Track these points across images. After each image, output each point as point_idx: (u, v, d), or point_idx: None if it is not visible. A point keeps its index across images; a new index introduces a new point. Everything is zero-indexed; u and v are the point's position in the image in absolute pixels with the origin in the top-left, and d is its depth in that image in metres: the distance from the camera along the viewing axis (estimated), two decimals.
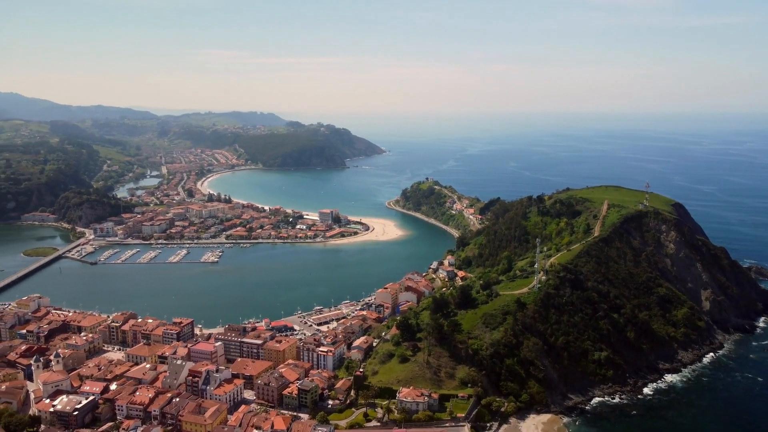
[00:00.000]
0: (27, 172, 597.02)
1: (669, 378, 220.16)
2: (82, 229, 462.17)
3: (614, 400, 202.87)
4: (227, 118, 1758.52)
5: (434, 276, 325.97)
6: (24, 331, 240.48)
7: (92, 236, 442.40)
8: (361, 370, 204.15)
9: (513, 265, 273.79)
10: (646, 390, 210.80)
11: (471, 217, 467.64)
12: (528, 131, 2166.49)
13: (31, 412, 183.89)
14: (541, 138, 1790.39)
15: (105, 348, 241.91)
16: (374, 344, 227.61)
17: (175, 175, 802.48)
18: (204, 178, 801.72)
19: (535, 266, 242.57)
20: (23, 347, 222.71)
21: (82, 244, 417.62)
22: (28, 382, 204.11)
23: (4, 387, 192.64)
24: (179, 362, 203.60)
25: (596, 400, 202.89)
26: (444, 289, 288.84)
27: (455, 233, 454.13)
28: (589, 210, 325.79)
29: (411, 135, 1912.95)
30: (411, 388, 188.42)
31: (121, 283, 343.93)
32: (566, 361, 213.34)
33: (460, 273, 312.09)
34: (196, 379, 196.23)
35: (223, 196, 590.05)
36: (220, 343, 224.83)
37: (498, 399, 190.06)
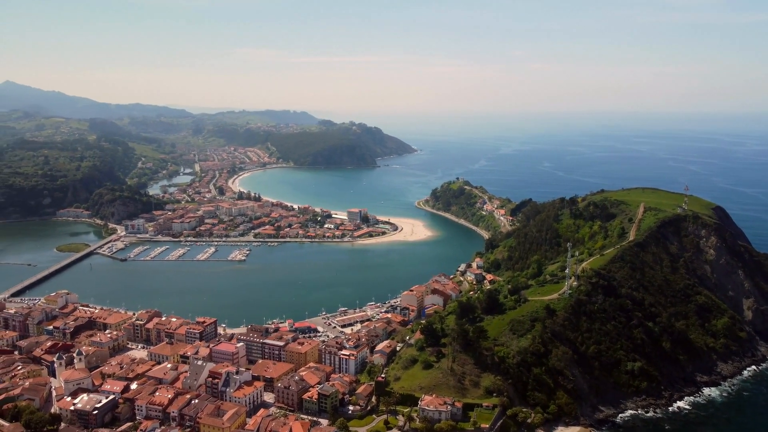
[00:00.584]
0: (64, 168, 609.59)
1: (707, 392, 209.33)
2: (114, 226, 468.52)
3: (648, 414, 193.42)
4: (260, 117, 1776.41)
5: (462, 279, 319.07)
6: (51, 327, 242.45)
7: (123, 233, 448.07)
8: (383, 375, 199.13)
9: (543, 270, 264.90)
10: (681, 404, 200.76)
11: (501, 218, 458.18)
12: (564, 131, 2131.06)
13: (52, 410, 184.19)
14: (577, 138, 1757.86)
15: (129, 346, 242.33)
16: (398, 348, 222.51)
17: (207, 172, 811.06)
18: (236, 176, 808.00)
19: (566, 271, 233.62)
20: (48, 343, 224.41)
21: (114, 241, 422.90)
22: (52, 379, 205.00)
23: (27, 384, 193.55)
24: (200, 363, 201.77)
25: (628, 413, 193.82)
26: (471, 292, 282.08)
27: (485, 235, 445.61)
28: (624, 213, 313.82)
29: (444, 134, 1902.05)
30: (434, 395, 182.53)
31: (149, 280, 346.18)
32: (597, 372, 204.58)
33: (489, 276, 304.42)
34: (216, 380, 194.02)
35: (253, 194, 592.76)
36: (241, 344, 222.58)
37: (524, 410, 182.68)
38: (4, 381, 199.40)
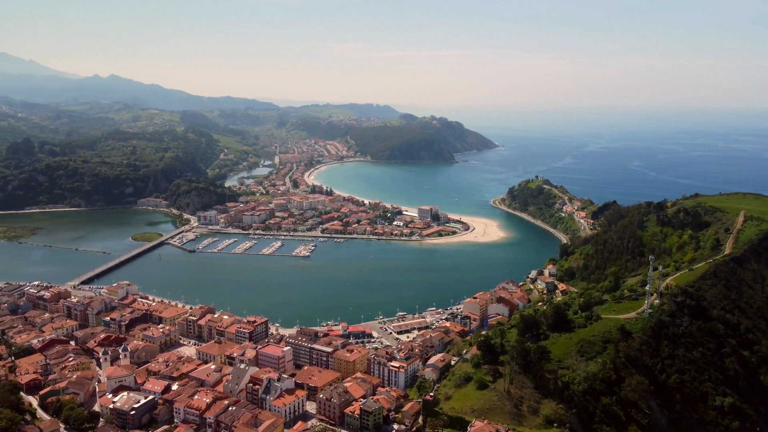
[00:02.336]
0: (148, 158, 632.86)
1: None
2: (188, 216, 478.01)
3: None
4: (343, 110, 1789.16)
5: (532, 287, 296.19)
6: (108, 318, 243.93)
7: (196, 223, 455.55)
8: (432, 393, 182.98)
9: (621, 283, 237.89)
10: None
11: (582, 221, 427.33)
12: (659, 127, 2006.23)
13: (96, 407, 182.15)
14: (672, 135, 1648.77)
15: (181, 341, 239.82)
16: (452, 363, 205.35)
17: (285, 165, 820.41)
18: (312, 169, 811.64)
19: (647, 287, 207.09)
20: (102, 336, 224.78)
21: (185, 231, 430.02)
22: (100, 373, 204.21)
23: (74, 377, 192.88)
24: (242, 366, 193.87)
25: None
26: (540, 303, 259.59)
27: (563, 238, 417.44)
28: (721, 222, 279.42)
29: (528, 129, 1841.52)
30: (486, 421, 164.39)
31: (213, 272, 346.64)
32: (679, 406, 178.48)
33: (561, 286, 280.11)
34: (257, 386, 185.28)
35: (325, 188, 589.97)
36: (288, 347, 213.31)
37: None
38: (54, 372, 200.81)
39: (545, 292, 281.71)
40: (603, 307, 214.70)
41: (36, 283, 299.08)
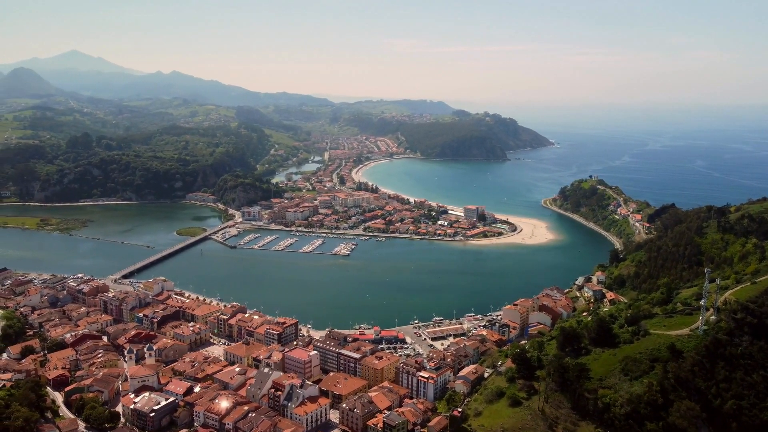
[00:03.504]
0: (199, 153, 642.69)
1: None
2: (233, 212, 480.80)
3: None
4: (396, 106, 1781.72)
5: (578, 294, 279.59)
6: (141, 314, 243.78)
7: (240, 219, 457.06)
8: (460, 408, 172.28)
9: (674, 295, 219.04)
10: None
11: (637, 224, 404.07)
12: (727, 125, 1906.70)
13: (119, 406, 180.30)
14: (742, 133, 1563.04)
15: (212, 340, 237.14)
16: (485, 375, 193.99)
17: (333, 161, 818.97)
18: (361, 166, 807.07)
19: (702, 301, 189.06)
20: (132, 332, 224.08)
21: (229, 227, 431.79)
22: (127, 370, 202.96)
23: (101, 374, 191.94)
24: (266, 371, 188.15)
25: None
26: (585, 313, 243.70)
27: (616, 242, 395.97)
28: None
29: (586, 126, 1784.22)
30: None
31: (252, 269, 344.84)
32: None
33: (610, 294, 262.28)
34: (279, 392, 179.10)
35: (370, 185, 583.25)
36: (315, 352, 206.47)
37: None
38: (83, 368, 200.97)
39: (592, 301, 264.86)
40: (652, 322, 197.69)
41: (79, 275, 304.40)
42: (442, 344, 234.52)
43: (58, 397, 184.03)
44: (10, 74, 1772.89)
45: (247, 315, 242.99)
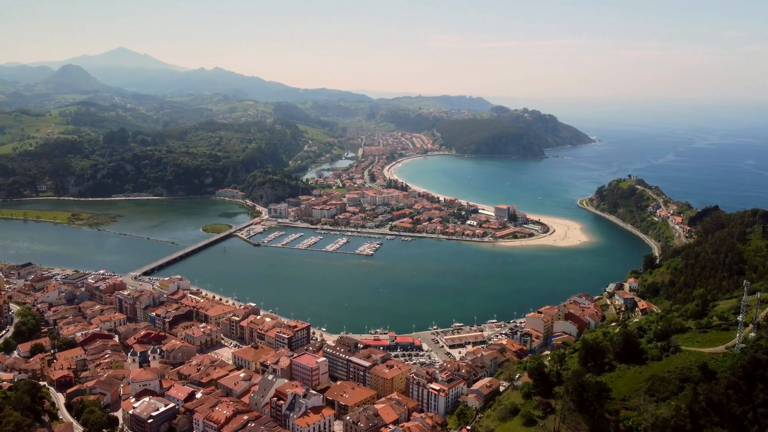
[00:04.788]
0: (231, 149, 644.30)
1: None
2: (261, 208, 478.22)
3: None
4: (434, 102, 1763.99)
5: (609, 302, 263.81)
6: (153, 314, 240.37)
7: (267, 216, 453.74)
8: (470, 426, 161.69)
9: (710, 308, 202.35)
10: None
11: (677, 227, 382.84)
12: None
13: (119, 411, 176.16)
14: None
15: (223, 342, 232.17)
16: (501, 389, 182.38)
17: (366, 158, 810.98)
18: (394, 162, 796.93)
19: (740, 316, 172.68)
20: (142, 332, 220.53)
21: (254, 224, 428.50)
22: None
23: (105, 376, 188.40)
24: (270, 377, 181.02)
25: None
26: (613, 324, 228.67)
27: (654, 246, 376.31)
28: None
29: (629, 123, 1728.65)
30: None
31: (273, 268, 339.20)
32: None
33: (642, 303, 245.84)
34: (281, 401, 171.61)
35: (400, 183, 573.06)
36: (324, 359, 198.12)
37: None
38: (88, 368, 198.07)
39: (623, 309, 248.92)
40: (684, 337, 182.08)
41: (101, 272, 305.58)
42: (460, 352, 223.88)
43: (60, 399, 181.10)
44: (60, 71, 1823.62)
45: (259, 317, 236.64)
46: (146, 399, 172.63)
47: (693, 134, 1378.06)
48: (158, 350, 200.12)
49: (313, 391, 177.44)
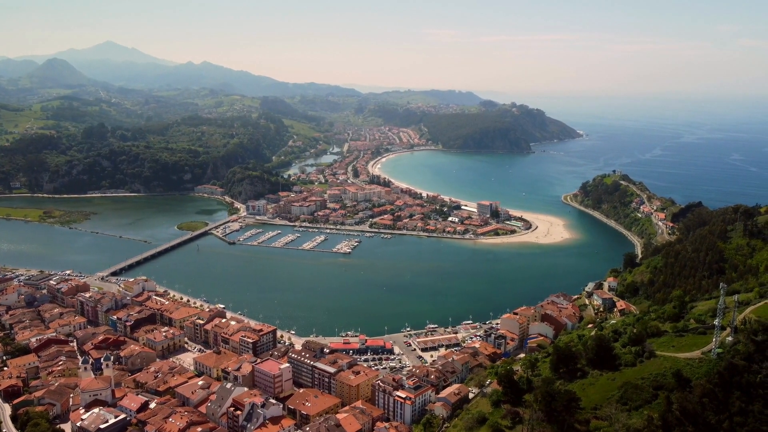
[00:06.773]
0: (213, 145, 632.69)
1: None
2: (239, 205, 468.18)
3: None
4: (423, 96, 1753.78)
5: (587, 302, 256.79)
6: (114, 317, 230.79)
7: (245, 213, 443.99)
8: None
9: (687, 310, 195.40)
10: None
11: (660, 223, 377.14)
12: None
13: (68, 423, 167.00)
14: None
15: (187, 346, 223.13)
16: (471, 396, 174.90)
17: (352, 153, 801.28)
18: (379, 157, 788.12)
19: (717, 320, 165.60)
20: (100, 337, 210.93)
21: (231, 221, 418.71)
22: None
23: (56, 385, 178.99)
24: (228, 386, 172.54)
25: None
26: (590, 325, 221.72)
27: (637, 243, 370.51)
28: None
29: (618, 117, 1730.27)
30: None
31: (246, 268, 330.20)
32: None
33: (620, 303, 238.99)
34: (238, 412, 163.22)
35: (383, 179, 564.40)
36: (287, 365, 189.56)
37: None
38: (39, 377, 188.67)
39: (601, 310, 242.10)
40: (660, 341, 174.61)
41: (67, 272, 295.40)
42: (432, 356, 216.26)
43: (7, 410, 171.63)
44: (44, 65, 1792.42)
45: (225, 320, 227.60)
46: (96, 410, 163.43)
47: (681, 129, 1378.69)
48: (112, 357, 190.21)
49: (273, 400, 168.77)
